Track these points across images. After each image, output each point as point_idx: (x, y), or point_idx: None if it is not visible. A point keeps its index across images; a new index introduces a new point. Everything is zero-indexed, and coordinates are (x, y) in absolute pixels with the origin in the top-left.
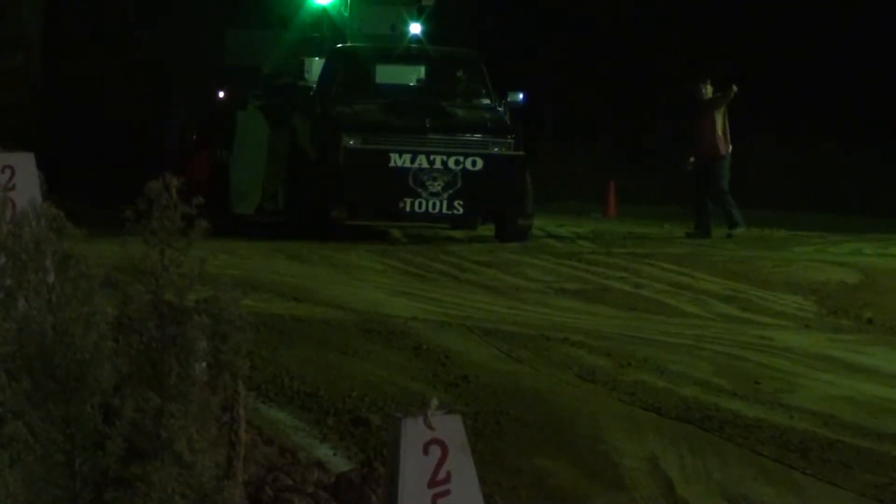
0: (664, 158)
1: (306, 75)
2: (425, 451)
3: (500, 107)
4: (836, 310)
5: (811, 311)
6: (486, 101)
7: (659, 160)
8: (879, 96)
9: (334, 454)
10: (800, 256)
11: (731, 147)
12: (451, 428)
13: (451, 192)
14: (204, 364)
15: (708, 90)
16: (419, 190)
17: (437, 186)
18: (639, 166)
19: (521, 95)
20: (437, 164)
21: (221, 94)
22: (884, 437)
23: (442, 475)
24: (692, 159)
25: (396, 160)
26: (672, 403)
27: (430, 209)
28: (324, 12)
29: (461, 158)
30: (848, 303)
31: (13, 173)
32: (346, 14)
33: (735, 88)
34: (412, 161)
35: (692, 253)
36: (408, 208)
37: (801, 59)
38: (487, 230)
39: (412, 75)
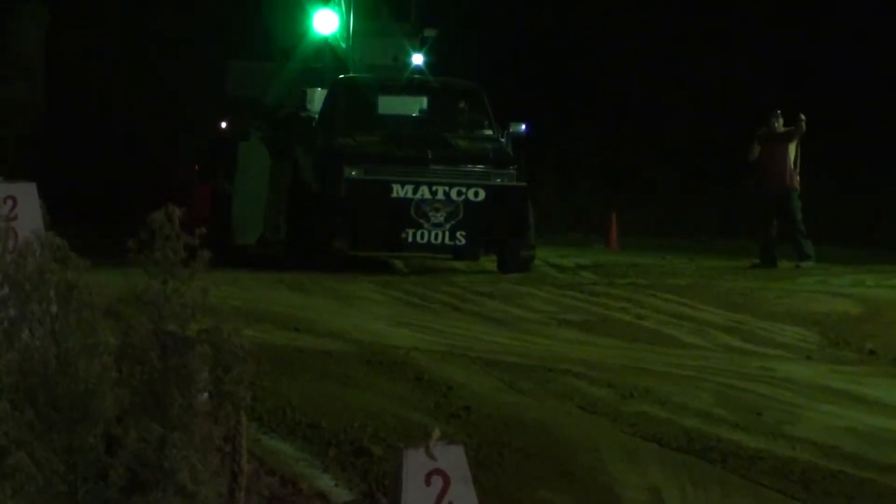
0: (665, 190)
1: (308, 106)
2: (427, 481)
3: (502, 137)
4: (838, 341)
5: (813, 343)
6: (488, 132)
7: (660, 192)
8: (867, 127)
9: (336, 485)
10: (802, 287)
11: (798, 178)
12: (453, 458)
13: (453, 222)
14: (206, 394)
15: (779, 123)
16: (421, 221)
17: (439, 217)
18: (640, 198)
19: (523, 126)
20: (440, 195)
21: (223, 125)
22: (886, 468)
23: None
24: (757, 187)
25: (398, 191)
26: (674, 434)
27: (433, 240)
28: (326, 43)
29: (463, 189)
30: (850, 334)
31: (15, 203)
32: (348, 45)
33: (803, 118)
34: (414, 192)
35: (694, 284)
36: (410, 239)
37: (796, 97)
38: (490, 261)
39: (414, 106)
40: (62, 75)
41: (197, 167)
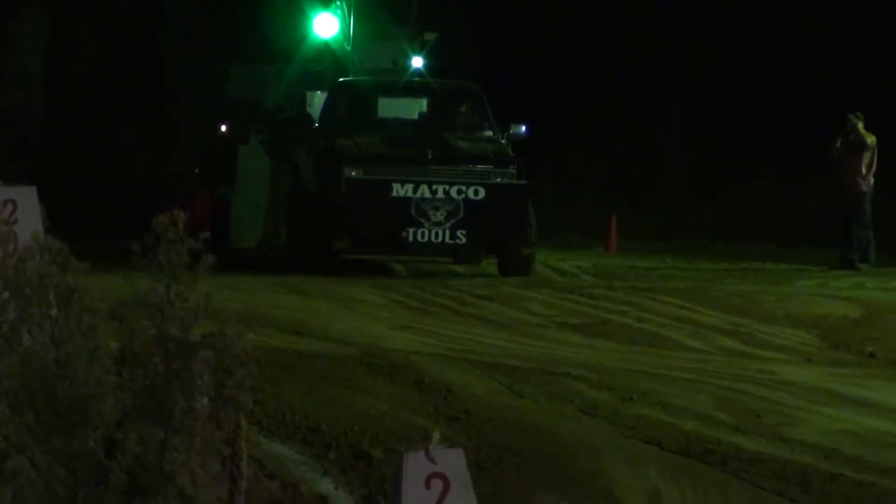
0: (665, 193)
1: (308, 109)
2: (427, 484)
3: (502, 138)
4: (837, 344)
5: (813, 345)
6: (488, 133)
7: (660, 195)
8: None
9: (336, 488)
10: (802, 290)
11: (872, 182)
12: (452, 462)
13: (453, 221)
14: (206, 399)
15: (856, 125)
16: (422, 220)
17: (439, 216)
18: (640, 201)
19: (523, 128)
20: (440, 194)
21: (224, 129)
22: (885, 470)
23: None
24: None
25: (399, 190)
26: (674, 437)
27: (433, 238)
28: (326, 46)
29: (463, 188)
30: (849, 337)
31: (15, 207)
32: (348, 48)
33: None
34: (414, 191)
35: (694, 287)
36: (410, 238)
37: (797, 99)
38: (490, 264)
39: (414, 108)
40: (61, 80)
41: (197, 171)
